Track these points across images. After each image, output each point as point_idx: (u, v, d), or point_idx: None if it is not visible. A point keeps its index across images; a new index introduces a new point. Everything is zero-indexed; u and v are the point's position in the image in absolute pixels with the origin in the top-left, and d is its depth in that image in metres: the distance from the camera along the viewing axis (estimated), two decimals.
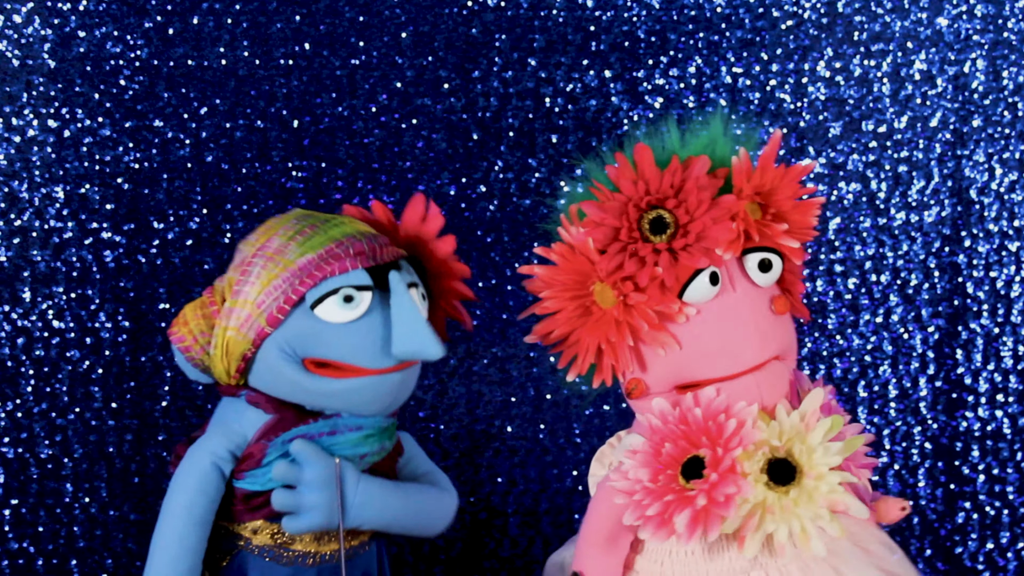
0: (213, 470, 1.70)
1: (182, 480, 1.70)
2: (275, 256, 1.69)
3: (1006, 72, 2.59)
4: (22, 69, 2.49)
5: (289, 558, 1.73)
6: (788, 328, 1.69)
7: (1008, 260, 2.60)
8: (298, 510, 1.69)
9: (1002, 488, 2.62)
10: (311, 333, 1.67)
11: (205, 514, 1.69)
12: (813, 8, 2.57)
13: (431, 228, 1.81)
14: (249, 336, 1.68)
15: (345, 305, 1.66)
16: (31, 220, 2.50)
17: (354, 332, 1.67)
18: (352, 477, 1.71)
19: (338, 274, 1.67)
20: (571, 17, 2.56)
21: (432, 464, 1.88)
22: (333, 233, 1.70)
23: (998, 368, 2.61)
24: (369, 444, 1.73)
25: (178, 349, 1.74)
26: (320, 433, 1.70)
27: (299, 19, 2.53)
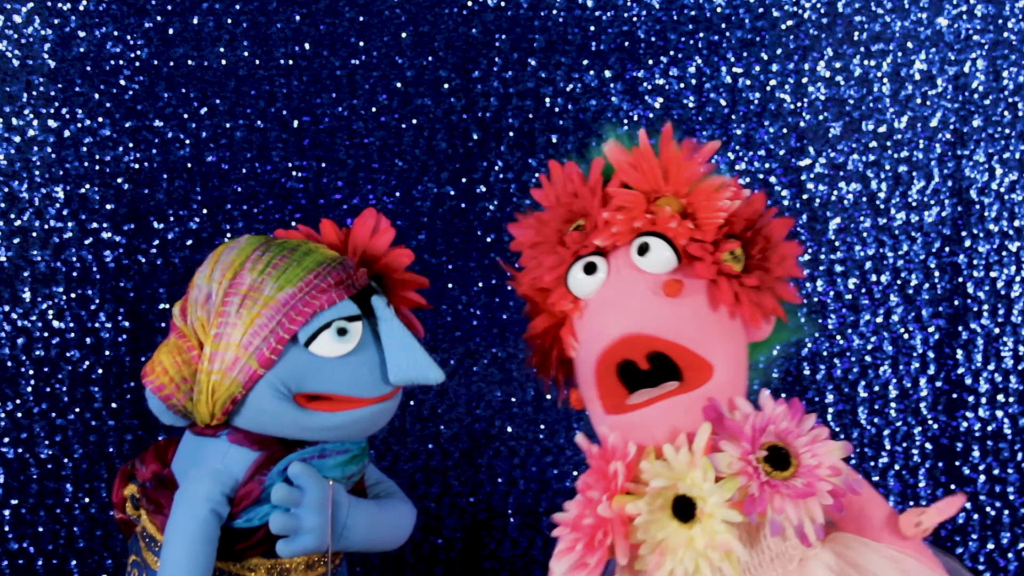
0: (212, 517, 1.68)
1: (183, 531, 1.68)
2: (251, 293, 1.66)
3: (1006, 72, 2.59)
4: (22, 69, 2.49)
5: None
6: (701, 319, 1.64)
7: (1008, 260, 2.60)
8: (295, 533, 1.69)
9: (1002, 488, 2.62)
10: (307, 370, 1.66)
11: (209, 562, 1.68)
12: (813, 8, 2.57)
13: (382, 242, 1.80)
14: (239, 379, 1.66)
15: (340, 338, 1.65)
16: (31, 220, 2.50)
17: (351, 364, 1.67)
18: (344, 500, 1.71)
19: (327, 307, 1.65)
20: (571, 17, 2.56)
21: (380, 472, 1.89)
22: (306, 263, 1.68)
23: (998, 368, 2.61)
24: (356, 464, 1.74)
25: (157, 397, 1.70)
26: (312, 457, 1.70)
27: (299, 19, 2.53)
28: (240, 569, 1.73)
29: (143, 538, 1.77)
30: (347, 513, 1.71)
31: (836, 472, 1.60)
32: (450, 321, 2.56)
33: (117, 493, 1.83)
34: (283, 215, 2.53)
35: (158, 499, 1.73)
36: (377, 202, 2.54)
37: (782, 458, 1.60)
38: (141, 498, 1.77)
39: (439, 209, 2.55)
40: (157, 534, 1.74)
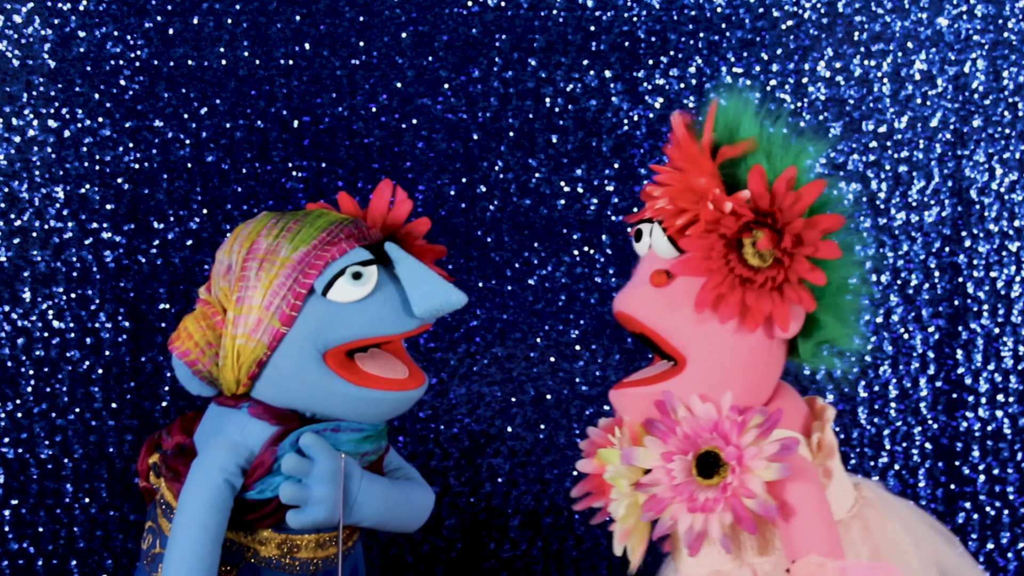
0: (225, 486, 1.70)
1: (195, 498, 1.69)
2: (268, 256, 1.69)
3: (1006, 72, 2.59)
4: (22, 69, 2.49)
5: (294, 567, 1.73)
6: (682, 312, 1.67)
7: (1008, 260, 2.60)
8: (305, 503, 1.70)
9: (1002, 488, 2.62)
10: (328, 319, 1.68)
11: (219, 530, 1.69)
12: (813, 8, 2.57)
13: (400, 213, 1.82)
14: (263, 340, 1.68)
15: (355, 282, 1.67)
16: (31, 220, 2.50)
17: (371, 306, 1.68)
18: (356, 473, 1.72)
19: (339, 257, 1.68)
20: (571, 17, 2.56)
21: (401, 459, 1.91)
22: (319, 223, 1.71)
23: (998, 368, 2.61)
24: (369, 444, 1.75)
25: (183, 363, 1.72)
26: (325, 430, 1.71)
27: (299, 19, 2.53)
28: (251, 542, 1.74)
29: (160, 505, 1.79)
30: (359, 487, 1.72)
31: (748, 494, 1.60)
32: (450, 321, 2.56)
33: (142, 461, 1.85)
34: None
35: (176, 467, 1.75)
36: None
37: (711, 466, 1.62)
38: (161, 466, 1.79)
39: (439, 209, 2.55)
40: (173, 501, 1.75)
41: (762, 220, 1.62)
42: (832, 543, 1.63)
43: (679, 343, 1.67)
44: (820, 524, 1.63)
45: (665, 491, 1.62)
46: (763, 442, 1.62)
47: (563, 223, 2.56)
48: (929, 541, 1.79)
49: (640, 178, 2.56)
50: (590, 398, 2.58)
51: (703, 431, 1.62)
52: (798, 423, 1.73)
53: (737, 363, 1.67)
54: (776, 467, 1.60)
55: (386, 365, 1.74)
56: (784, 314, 1.64)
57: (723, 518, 1.61)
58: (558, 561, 2.60)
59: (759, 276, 1.62)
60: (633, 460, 1.65)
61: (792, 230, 1.61)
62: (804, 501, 1.62)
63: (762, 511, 1.60)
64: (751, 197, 1.63)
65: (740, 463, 1.61)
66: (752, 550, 1.69)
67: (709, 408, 1.63)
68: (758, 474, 1.60)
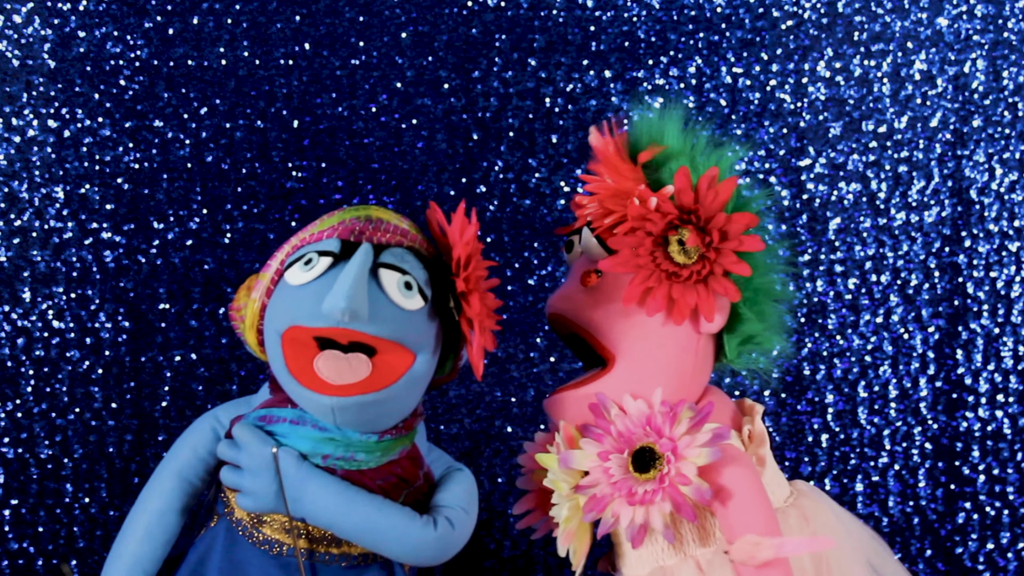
0: (210, 432, 1.76)
1: (182, 436, 1.78)
2: (299, 233, 1.73)
3: (1006, 72, 2.59)
4: (22, 69, 2.49)
5: (258, 539, 1.73)
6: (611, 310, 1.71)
7: (1008, 260, 2.60)
8: (239, 489, 1.71)
9: (1002, 488, 2.62)
10: (279, 301, 1.68)
11: (191, 471, 1.76)
12: (813, 8, 2.57)
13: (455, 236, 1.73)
14: (257, 307, 1.72)
15: (304, 267, 1.66)
16: (31, 220, 2.50)
17: (304, 292, 1.65)
18: (291, 469, 1.69)
19: (311, 243, 1.68)
20: (571, 17, 2.56)
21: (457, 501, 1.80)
22: (346, 215, 1.72)
23: (998, 368, 2.61)
24: (333, 447, 1.70)
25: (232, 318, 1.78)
26: (285, 419, 1.70)
27: (299, 19, 2.53)
28: (230, 499, 1.75)
29: None
30: (299, 485, 1.69)
31: (684, 481, 1.63)
32: None
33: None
34: (283, 215, 2.53)
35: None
36: (377, 202, 2.54)
37: (646, 461, 1.65)
38: None
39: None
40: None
41: (686, 218, 1.67)
42: (769, 522, 1.66)
43: (608, 340, 1.72)
44: (756, 506, 1.67)
45: (604, 489, 1.66)
46: (695, 432, 1.65)
47: (563, 223, 2.56)
48: (859, 535, 1.83)
49: None
50: None
51: (637, 428, 1.67)
52: (727, 418, 1.78)
53: (667, 359, 1.72)
54: (707, 451, 1.64)
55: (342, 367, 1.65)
56: (709, 305, 1.68)
57: (663, 508, 1.64)
58: (558, 561, 2.60)
59: (685, 271, 1.67)
60: (571, 463, 1.69)
61: (715, 225, 1.66)
62: (739, 485, 1.66)
63: (697, 496, 1.63)
64: (675, 194, 1.68)
65: (675, 453, 1.64)
66: (694, 542, 1.72)
67: (640, 405, 1.67)
68: (691, 460, 1.64)
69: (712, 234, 1.66)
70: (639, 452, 1.66)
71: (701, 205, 1.66)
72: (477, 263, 1.69)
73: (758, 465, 1.75)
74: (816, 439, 2.60)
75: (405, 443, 1.75)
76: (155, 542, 1.77)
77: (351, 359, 1.64)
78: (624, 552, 1.77)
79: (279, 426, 1.70)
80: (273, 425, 1.71)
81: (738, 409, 1.83)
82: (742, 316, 1.74)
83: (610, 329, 1.72)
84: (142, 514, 1.78)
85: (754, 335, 1.76)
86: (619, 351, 1.71)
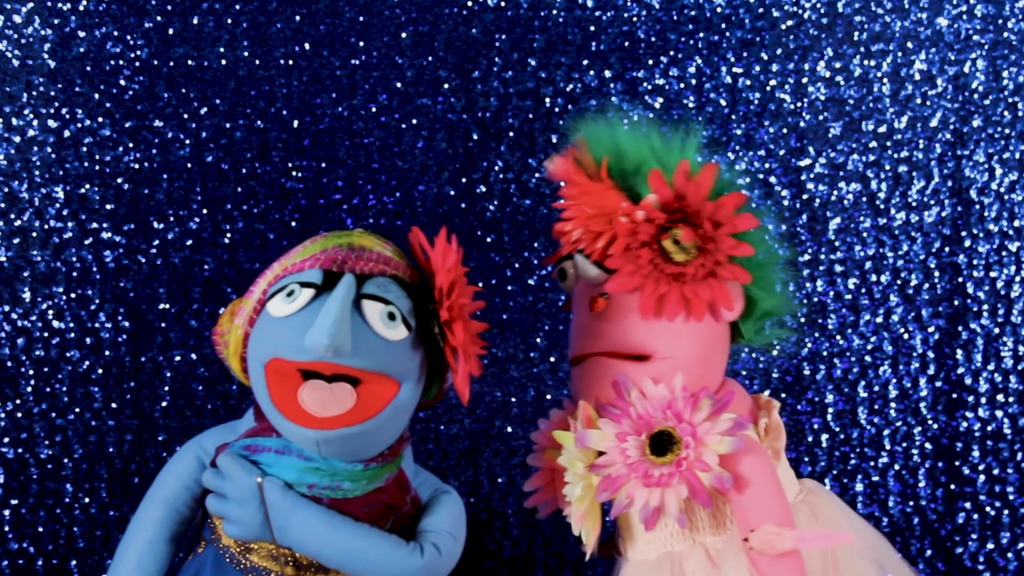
0: (194, 460, 1.77)
1: (167, 466, 1.79)
2: (282, 260, 1.71)
3: (1006, 72, 2.59)
4: (22, 69, 2.49)
5: (246, 567, 1.73)
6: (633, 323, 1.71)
7: (1008, 260, 2.60)
8: (225, 518, 1.71)
9: (1002, 488, 2.62)
10: (260, 332, 1.67)
11: (178, 500, 1.77)
12: (813, 8, 2.57)
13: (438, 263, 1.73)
14: (240, 334, 1.71)
15: (286, 299, 1.65)
16: (31, 220, 2.50)
17: (286, 325, 1.64)
18: (276, 499, 1.68)
19: (292, 273, 1.67)
20: (571, 17, 2.56)
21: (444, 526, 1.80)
22: (328, 242, 1.70)
23: (998, 368, 2.61)
24: (318, 477, 1.69)
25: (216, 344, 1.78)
26: (270, 449, 1.70)
27: (299, 19, 2.53)
28: (218, 526, 1.75)
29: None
30: (285, 515, 1.68)
31: (704, 467, 1.64)
32: None
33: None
34: (283, 215, 2.53)
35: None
36: (377, 202, 2.54)
37: (664, 444, 1.66)
38: None
39: (439, 209, 2.55)
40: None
41: (675, 217, 1.67)
42: (784, 514, 1.68)
43: (641, 346, 1.72)
44: (772, 496, 1.68)
45: (620, 469, 1.67)
46: (716, 419, 1.66)
47: None
48: (868, 534, 1.84)
49: None
50: None
51: (656, 411, 1.67)
52: (745, 410, 1.78)
53: (698, 352, 1.73)
54: (729, 440, 1.65)
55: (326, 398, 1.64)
56: (726, 295, 1.69)
57: (679, 491, 1.65)
58: (558, 561, 2.60)
59: (689, 268, 1.67)
60: (587, 442, 1.69)
61: (706, 215, 1.66)
62: (756, 475, 1.67)
63: (716, 484, 1.64)
64: (657, 199, 1.68)
65: (694, 438, 1.65)
66: (705, 528, 1.73)
67: (661, 389, 1.68)
68: (712, 448, 1.65)
69: (705, 225, 1.66)
70: (657, 436, 1.66)
71: (686, 200, 1.67)
72: (460, 291, 1.68)
73: (774, 458, 1.76)
74: (816, 439, 2.60)
75: (391, 469, 1.74)
76: (147, 571, 1.77)
77: (335, 389, 1.63)
78: (633, 536, 1.77)
79: (264, 456, 1.69)
80: (258, 455, 1.70)
81: (754, 404, 1.84)
82: (755, 296, 1.75)
83: (638, 343, 1.71)
84: (133, 545, 1.78)
85: (769, 310, 1.77)
86: (656, 352, 1.71)
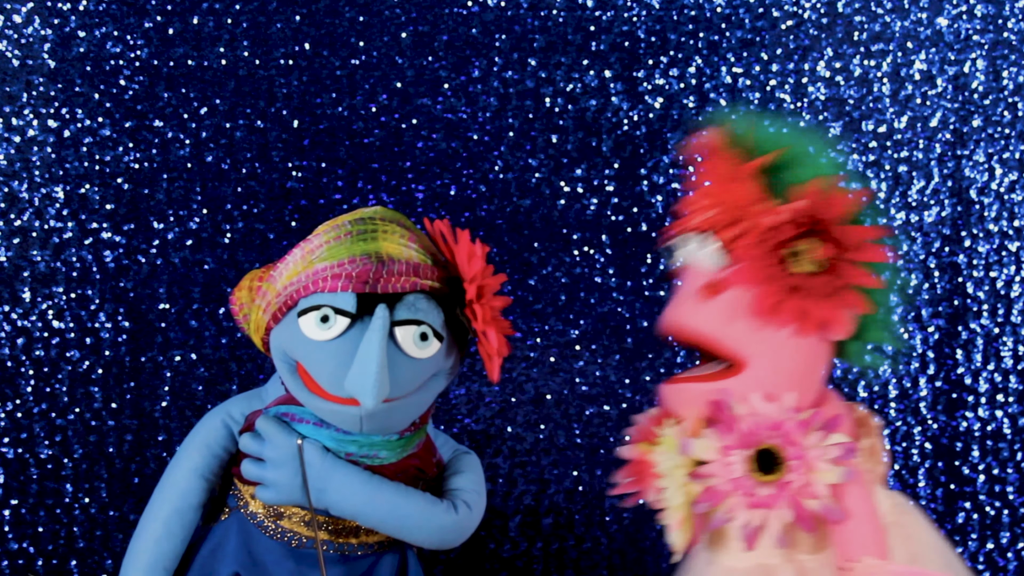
0: (222, 427, 1.77)
1: (193, 433, 1.79)
2: (307, 254, 1.71)
3: (1006, 72, 2.59)
4: (22, 69, 2.49)
5: (274, 532, 1.74)
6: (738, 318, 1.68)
7: (1008, 260, 2.60)
8: (262, 482, 1.72)
9: (1002, 488, 2.62)
10: (293, 339, 1.69)
11: (206, 468, 1.77)
12: (813, 8, 2.57)
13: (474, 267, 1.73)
14: (265, 318, 1.72)
15: (321, 324, 1.67)
16: (31, 220, 2.50)
17: (323, 352, 1.67)
18: (316, 460, 1.70)
19: (327, 292, 1.67)
20: (571, 17, 2.56)
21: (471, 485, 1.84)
22: (355, 249, 1.69)
23: (998, 368, 2.61)
24: (356, 447, 1.72)
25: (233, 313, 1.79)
26: (308, 420, 1.71)
27: (299, 19, 2.53)
28: (245, 492, 1.77)
29: None
30: (325, 476, 1.71)
31: (811, 496, 1.63)
32: None
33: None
34: (283, 215, 2.53)
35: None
36: (377, 202, 2.54)
37: (770, 463, 1.64)
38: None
39: (440, 209, 2.55)
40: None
41: (812, 229, 1.66)
42: (881, 546, 1.67)
43: (738, 350, 1.69)
44: (874, 529, 1.68)
45: (724, 484, 1.65)
46: (826, 444, 1.65)
47: (563, 223, 2.56)
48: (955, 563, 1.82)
49: (640, 178, 2.56)
50: (590, 398, 2.58)
51: (764, 429, 1.65)
52: (848, 429, 1.75)
53: (796, 367, 1.70)
54: (840, 471, 1.64)
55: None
56: (841, 318, 1.67)
57: (783, 515, 1.64)
58: (558, 561, 2.60)
59: (812, 282, 1.65)
60: (690, 451, 1.67)
61: (844, 237, 1.65)
62: (858, 504, 1.67)
63: (824, 513, 1.63)
64: (803, 206, 1.66)
65: (804, 463, 1.63)
66: (803, 547, 1.71)
67: (773, 407, 1.66)
68: (822, 476, 1.63)
69: (841, 245, 1.65)
70: (762, 453, 1.65)
71: (828, 216, 1.65)
72: (489, 298, 1.71)
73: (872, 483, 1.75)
74: None
75: (421, 435, 1.79)
76: (175, 540, 1.77)
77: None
78: (724, 540, 1.74)
79: (302, 426, 1.72)
80: (296, 424, 1.72)
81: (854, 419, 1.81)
82: (865, 323, 1.73)
83: (739, 340, 1.68)
84: (159, 513, 1.78)
85: (875, 339, 1.76)
86: (751, 360, 1.68)
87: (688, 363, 2.57)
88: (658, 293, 2.57)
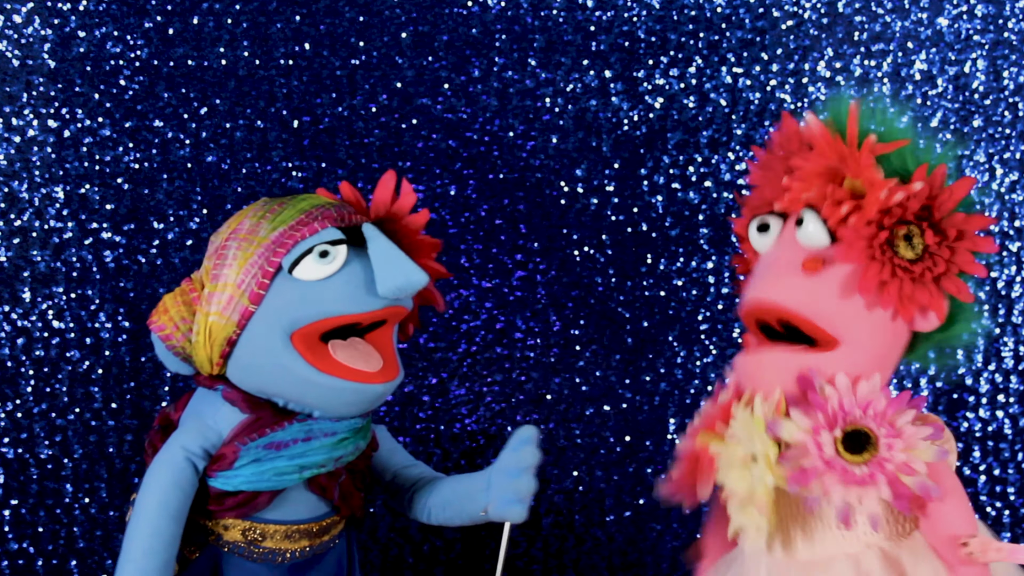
0: (187, 465, 1.71)
1: (156, 474, 1.72)
2: (248, 236, 1.70)
3: (1006, 72, 2.59)
4: (22, 69, 2.49)
5: (259, 555, 1.74)
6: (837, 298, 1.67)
7: (1008, 260, 2.60)
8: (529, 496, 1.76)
9: (1002, 488, 2.62)
10: (294, 299, 1.68)
11: (179, 508, 1.71)
12: (813, 8, 2.57)
13: (404, 204, 1.82)
14: (233, 318, 1.69)
15: (321, 261, 1.67)
16: (31, 220, 2.50)
17: (336, 284, 1.67)
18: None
19: (309, 236, 1.68)
20: (571, 17, 2.56)
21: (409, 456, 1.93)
22: (302, 206, 1.72)
23: (998, 368, 2.61)
24: (344, 447, 1.73)
25: (159, 338, 1.74)
26: (295, 440, 1.70)
27: (299, 19, 2.53)
28: (215, 525, 1.74)
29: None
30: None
31: (909, 472, 1.62)
32: (451, 321, 2.56)
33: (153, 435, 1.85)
34: None
35: (156, 443, 1.78)
36: None
37: (859, 443, 1.63)
38: (146, 441, 1.82)
39: (440, 209, 2.55)
40: None
41: (923, 214, 1.67)
42: (975, 524, 1.68)
43: (834, 328, 1.67)
44: (967, 505, 1.69)
45: (816, 463, 1.63)
46: (918, 425, 1.64)
47: (563, 223, 2.56)
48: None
49: (640, 178, 2.56)
50: (590, 398, 2.58)
51: (855, 408, 1.64)
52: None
53: (884, 350, 1.71)
54: (934, 449, 1.63)
55: (359, 355, 1.71)
56: (940, 305, 1.68)
57: (882, 492, 1.62)
58: (558, 561, 2.60)
59: (916, 267, 1.66)
60: (779, 431, 1.64)
61: (953, 224, 1.66)
62: (952, 482, 1.67)
63: (919, 490, 1.62)
64: (918, 190, 1.67)
65: (900, 440, 1.62)
66: (888, 533, 1.70)
67: (863, 386, 1.65)
68: (919, 454, 1.62)
69: (948, 232, 1.66)
70: (852, 433, 1.63)
71: (938, 201, 1.67)
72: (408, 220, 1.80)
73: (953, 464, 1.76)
74: None
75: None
76: None
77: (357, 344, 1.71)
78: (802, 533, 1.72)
79: (292, 448, 1.70)
80: (285, 450, 1.70)
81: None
82: (954, 316, 1.74)
83: (836, 318, 1.67)
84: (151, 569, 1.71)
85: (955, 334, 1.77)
86: (845, 339, 1.67)
87: (688, 363, 2.58)
88: (658, 293, 2.57)
